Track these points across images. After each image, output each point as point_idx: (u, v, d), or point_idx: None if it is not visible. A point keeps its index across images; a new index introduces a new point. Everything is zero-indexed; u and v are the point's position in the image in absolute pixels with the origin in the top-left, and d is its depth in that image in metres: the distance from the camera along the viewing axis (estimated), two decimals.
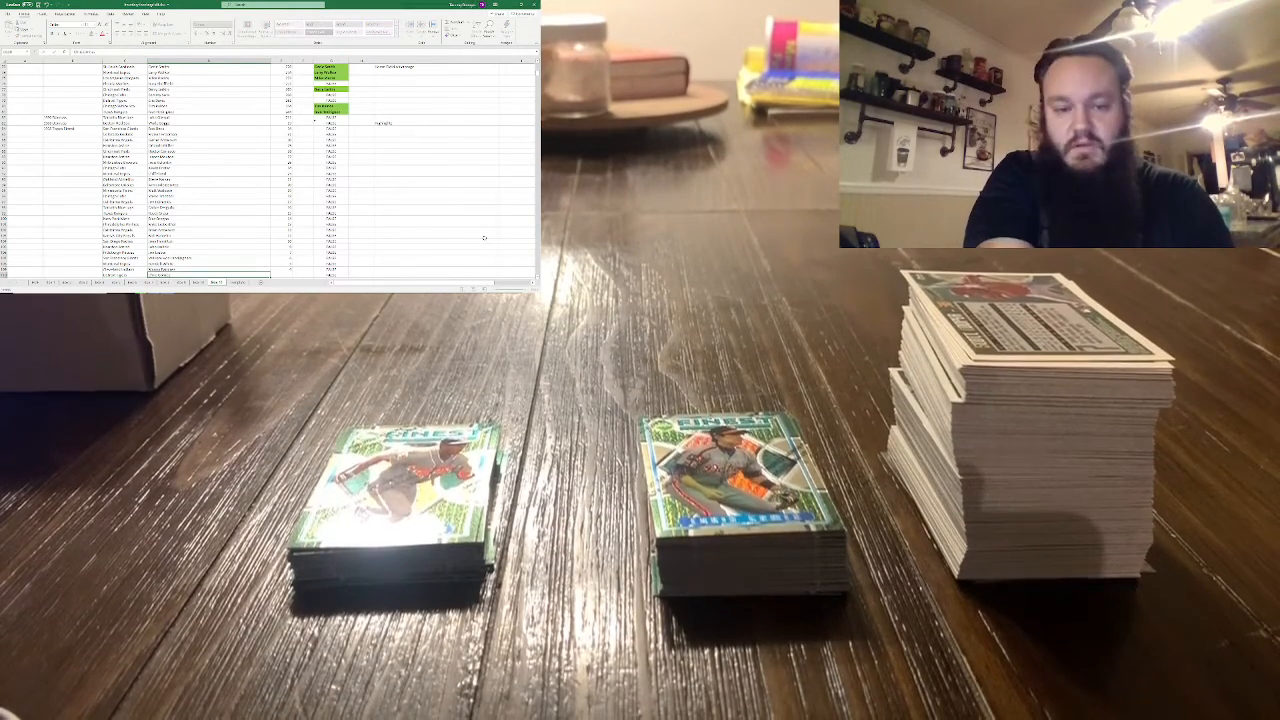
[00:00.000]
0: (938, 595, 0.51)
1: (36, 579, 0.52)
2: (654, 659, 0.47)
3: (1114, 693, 0.45)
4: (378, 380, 0.77)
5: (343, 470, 0.57)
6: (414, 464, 0.57)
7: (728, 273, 1.03)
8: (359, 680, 0.45)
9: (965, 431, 0.50)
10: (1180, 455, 0.65)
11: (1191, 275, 1.00)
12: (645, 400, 0.73)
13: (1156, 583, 0.52)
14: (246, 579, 0.52)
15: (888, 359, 0.65)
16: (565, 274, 1.02)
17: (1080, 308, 0.55)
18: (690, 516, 0.51)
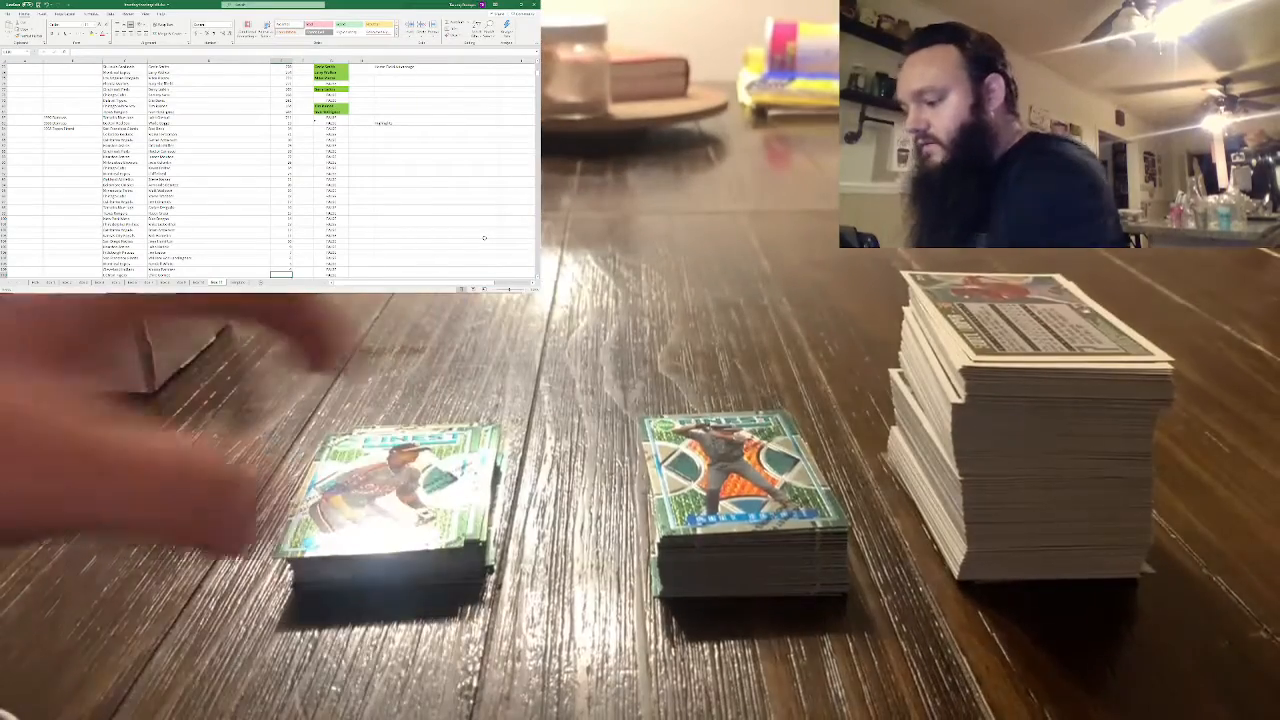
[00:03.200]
0: (938, 596, 0.51)
1: (37, 580, 0.52)
2: (654, 660, 0.46)
3: (1114, 693, 0.45)
4: (378, 382, 0.77)
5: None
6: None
7: (728, 273, 1.03)
8: (359, 681, 0.45)
9: (965, 432, 0.50)
10: (1180, 455, 0.65)
11: (1192, 276, 1.00)
12: (645, 401, 0.73)
13: (1156, 583, 0.52)
14: (246, 580, 0.52)
15: (888, 360, 0.65)
16: (565, 275, 1.02)
17: (1080, 308, 0.55)
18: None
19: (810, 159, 1.63)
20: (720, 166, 1.57)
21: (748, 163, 1.60)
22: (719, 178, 1.49)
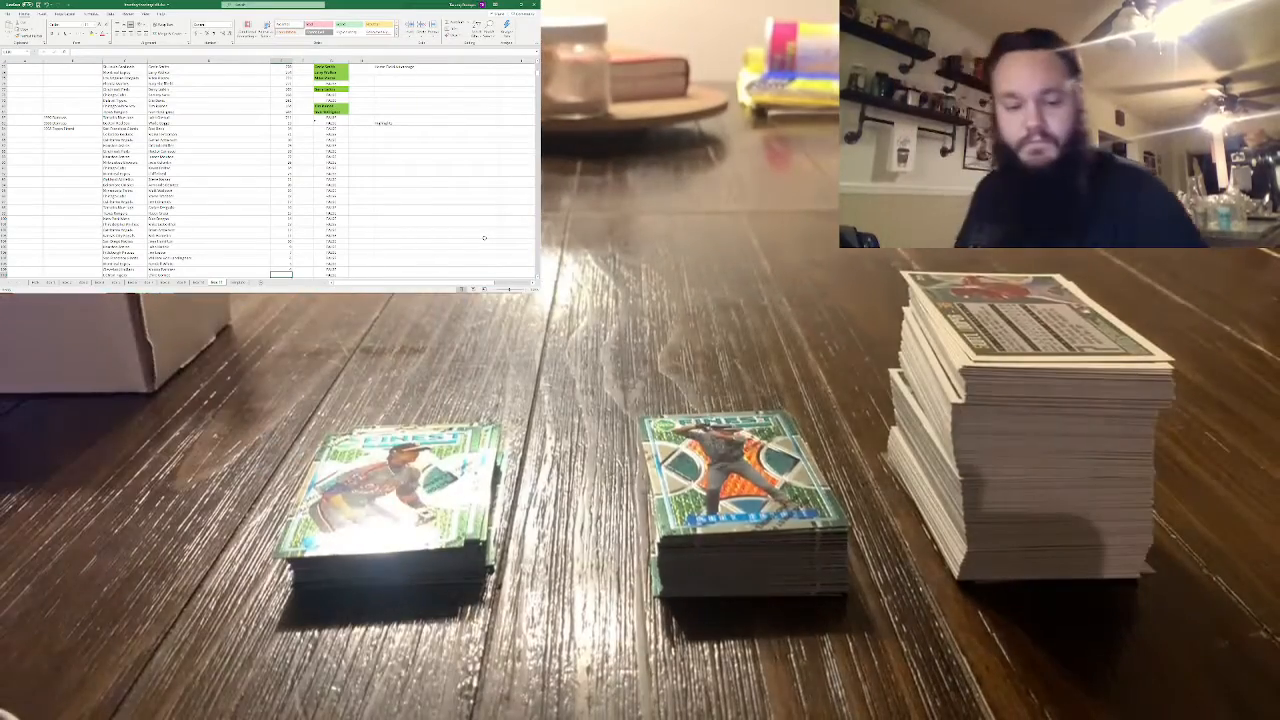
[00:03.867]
0: (938, 596, 0.51)
1: (37, 580, 0.52)
2: (654, 660, 0.46)
3: (1114, 693, 0.45)
4: (378, 381, 0.77)
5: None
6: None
7: (728, 274, 1.03)
8: (359, 681, 0.45)
9: (965, 432, 0.50)
10: (1180, 455, 0.65)
11: (1192, 276, 1.00)
12: (645, 401, 0.73)
13: (1156, 583, 0.52)
14: (246, 580, 0.52)
15: (888, 359, 0.65)
16: (565, 275, 1.02)
17: (1080, 308, 0.55)
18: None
19: (810, 159, 1.63)
20: (720, 166, 1.57)
21: (748, 163, 1.60)
22: (719, 178, 1.49)
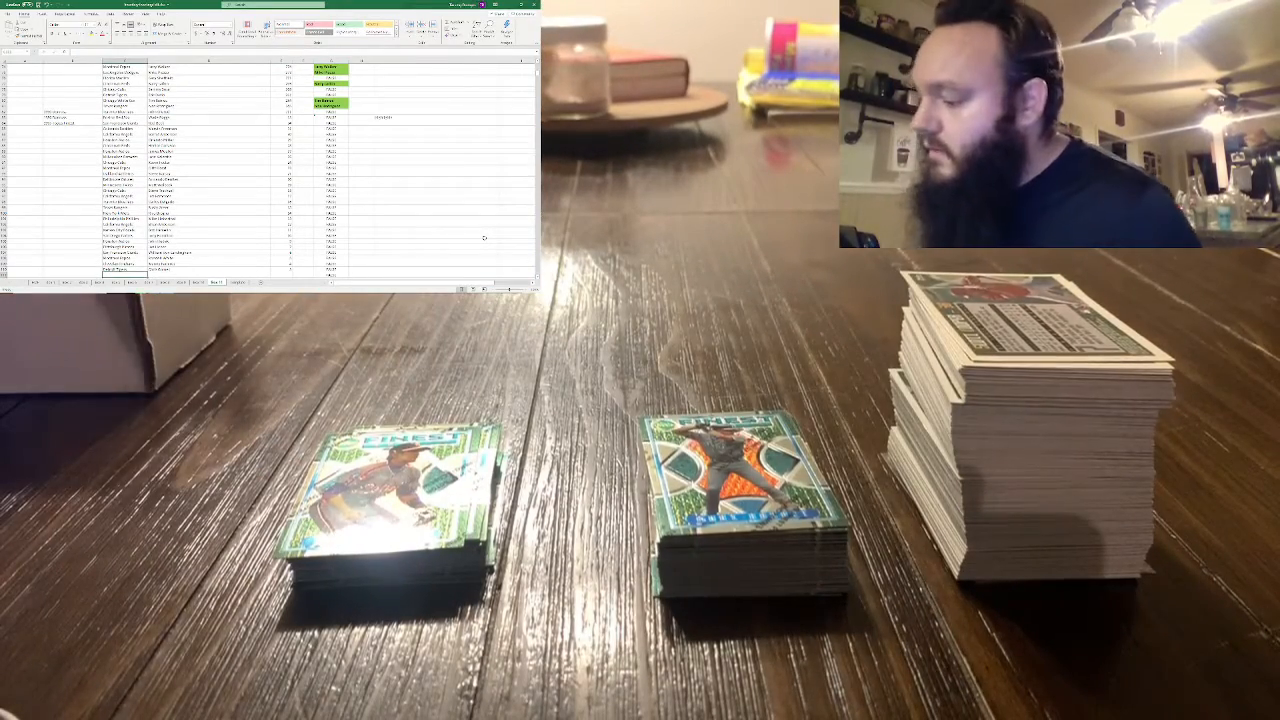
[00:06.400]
0: (938, 596, 0.51)
1: (37, 580, 0.52)
2: (654, 660, 0.46)
3: (1114, 693, 0.44)
4: (378, 382, 0.77)
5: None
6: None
7: (728, 274, 1.03)
8: (359, 681, 0.45)
9: (965, 432, 0.50)
10: (1180, 455, 0.65)
11: (1191, 276, 1.00)
12: (645, 401, 0.73)
13: (1156, 583, 0.52)
14: (246, 580, 0.52)
15: (888, 360, 0.65)
16: (565, 275, 1.02)
17: (1080, 308, 0.55)
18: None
19: (810, 159, 1.63)
20: (720, 166, 1.57)
21: (747, 163, 1.60)
22: (719, 178, 1.49)
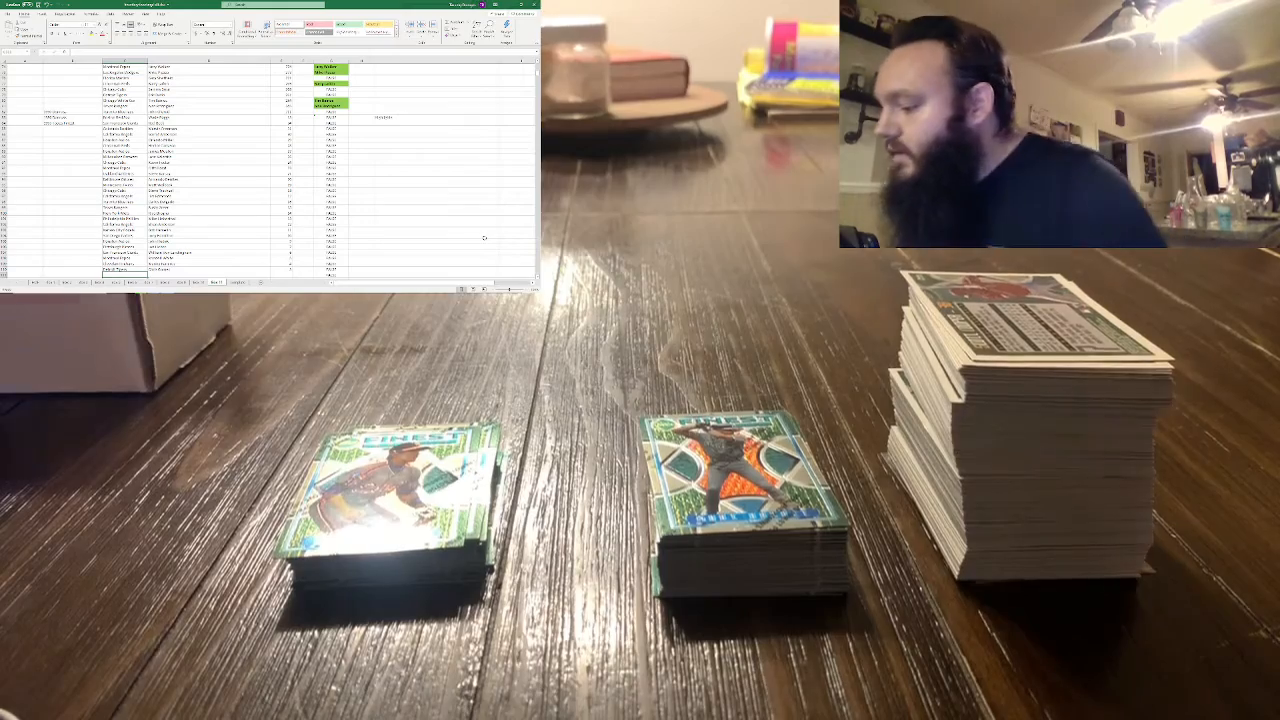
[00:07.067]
0: (938, 595, 0.51)
1: (37, 580, 0.52)
2: (654, 660, 0.46)
3: (1114, 693, 0.45)
4: (378, 381, 0.77)
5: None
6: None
7: (728, 274, 1.03)
8: (359, 681, 0.45)
9: (965, 432, 0.50)
10: (1180, 455, 0.65)
11: (1192, 276, 1.00)
12: (645, 401, 0.73)
13: (1156, 583, 0.52)
14: (246, 580, 0.52)
15: (888, 360, 0.65)
16: (565, 275, 1.02)
17: (1080, 308, 0.55)
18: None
19: (810, 159, 1.63)
20: (720, 166, 1.57)
21: (748, 163, 1.60)
22: (719, 178, 1.49)
